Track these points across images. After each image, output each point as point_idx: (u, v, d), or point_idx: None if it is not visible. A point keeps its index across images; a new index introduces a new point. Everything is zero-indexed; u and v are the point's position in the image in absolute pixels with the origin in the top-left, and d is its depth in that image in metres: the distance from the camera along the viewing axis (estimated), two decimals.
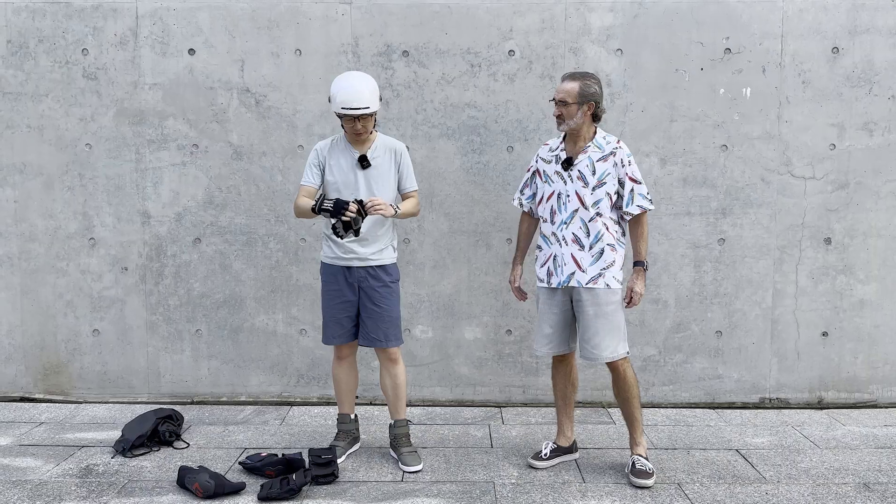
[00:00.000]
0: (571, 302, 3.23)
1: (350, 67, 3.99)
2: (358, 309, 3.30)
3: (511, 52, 3.99)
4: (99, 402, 4.17)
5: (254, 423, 3.87)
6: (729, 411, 4.05)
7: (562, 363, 3.33)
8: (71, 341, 4.16)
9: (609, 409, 4.05)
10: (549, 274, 3.21)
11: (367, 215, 3.12)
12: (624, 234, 3.24)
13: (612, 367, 3.20)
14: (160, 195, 4.09)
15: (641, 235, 3.21)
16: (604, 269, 3.14)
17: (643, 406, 4.01)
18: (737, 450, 3.50)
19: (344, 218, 3.05)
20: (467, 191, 4.05)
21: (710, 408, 4.10)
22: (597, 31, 3.95)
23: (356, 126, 3.16)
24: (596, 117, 3.15)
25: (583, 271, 3.14)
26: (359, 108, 3.11)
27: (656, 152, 4.01)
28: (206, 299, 4.14)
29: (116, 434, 3.63)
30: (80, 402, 4.17)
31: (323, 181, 3.29)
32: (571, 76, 3.12)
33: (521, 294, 3.41)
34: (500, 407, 4.12)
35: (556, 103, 3.12)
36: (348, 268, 3.27)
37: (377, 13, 3.97)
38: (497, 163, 4.03)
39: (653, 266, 4.04)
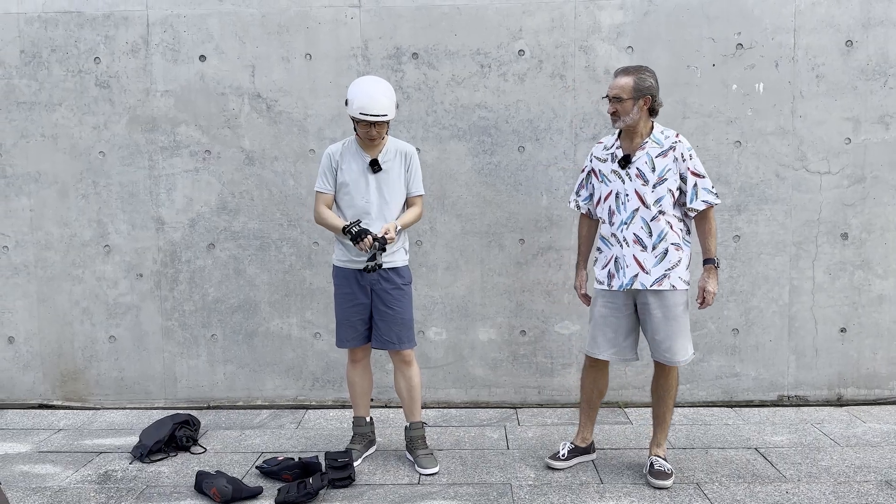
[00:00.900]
0: (635, 305, 3.15)
1: (360, 71, 4.00)
2: (371, 312, 3.30)
3: (521, 51, 3.98)
4: (116, 409, 4.19)
5: (270, 427, 3.88)
6: (747, 409, 4.02)
7: (596, 368, 3.25)
8: (88, 348, 4.19)
9: (626, 410, 4.03)
10: (611, 276, 3.13)
11: (384, 249, 3.14)
12: (689, 231, 3.14)
13: (661, 365, 3.14)
14: (174, 201, 4.11)
15: (709, 231, 3.09)
16: (669, 269, 3.05)
17: None
18: (756, 448, 3.47)
19: (362, 248, 3.09)
20: (479, 192, 4.05)
21: (727, 406, 4.07)
22: (607, 28, 3.93)
23: (371, 132, 3.17)
24: (653, 111, 3.07)
25: (646, 273, 3.06)
26: (377, 115, 3.12)
27: None
28: (220, 304, 4.16)
29: (134, 440, 3.65)
30: (98, 409, 4.20)
31: (336, 185, 3.31)
32: (625, 71, 3.05)
33: (588, 300, 3.33)
34: (515, 408, 4.11)
35: (609, 100, 3.06)
36: (360, 271, 3.28)
37: (386, 16, 3.97)
38: (508, 163, 4.02)
39: None
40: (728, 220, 3.99)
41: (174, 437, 3.55)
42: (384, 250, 3.14)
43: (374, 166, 3.23)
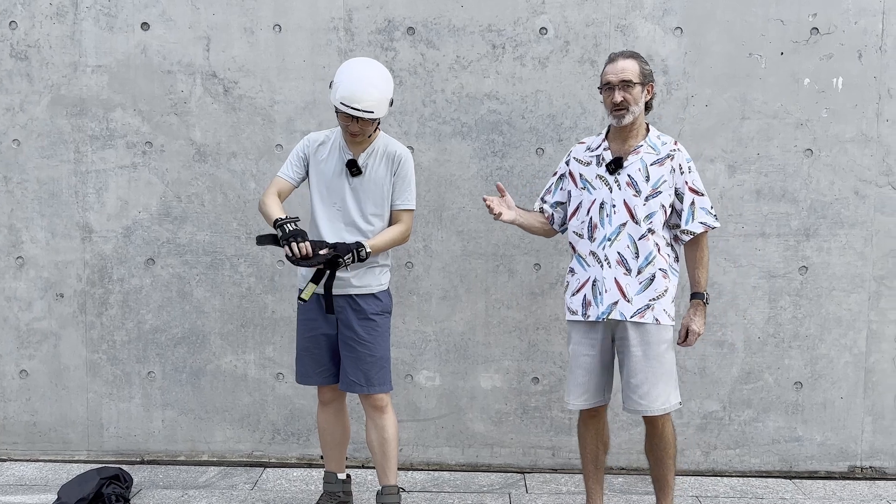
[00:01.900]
0: (613, 341, 3.25)
1: (342, 48, 4.03)
2: (338, 345, 3.36)
3: (543, 29, 4.01)
4: (27, 461, 4.22)
5: (219, 487, 3.92)
6: (809, 482, 4.07)
7: (592, 419, 3.34)
8: None
9: None
10: (586, 304, 3.21)
11: (333, 272, 3.19)
12: (677, 258, 3.26)
13: (649, 419, 3.23)
14: (104, 205, 4.13)
15: (701, 261, 3.22)
16: (653, 299, 3.16)
17: (701, 473, 4.08)
18: None
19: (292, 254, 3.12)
20: None
21: (786, 477, 4.12)
22: (651, 4, 3.96)
23: (351, 126, 3.21)
24: (648, 107, 3.21)
25: (627, 301, 3.15)
26: (361, 111, 3.15)
27: (723, 157, 4.02)
28: (160, 335, 4.19)
29: (50, 498, 3.70)
30: (4, 460, 4.22)
31: (306, 179, 3.36)
32: (623, 55, 3.17)
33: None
34: (523, 473, 4.15)
35: (615, 88, 3.11)
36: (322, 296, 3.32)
37: None
38: (523, 169, 4.06)
39: (716, 300, 4.06)
40: (793, 246, 4.04)
41: (101, 494, 3.60)
42: (333, 274, 3.17)
43: (352, 168, 3.27)
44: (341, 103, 3.15)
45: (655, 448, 3.27)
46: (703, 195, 3.20)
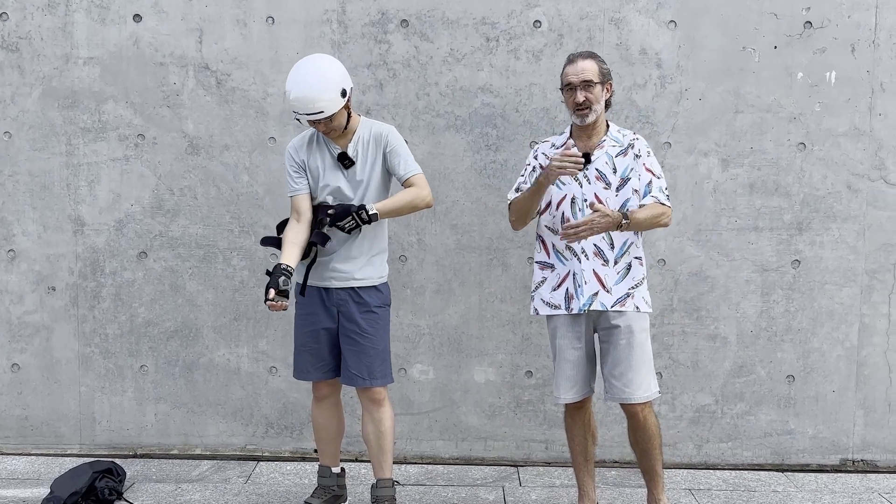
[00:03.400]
0: (594, 331, 3.35)
1: (335, 40, 4.09)
2: (338, 339, 3.42)
3: (537, 22, 4.07)
4: (19, 454, 4.27)
5: (212, 480, 3.99)
6: (801, 475, 4.15)
7: (578, 411, 3.43)
8: None
9: None
10: (569, 298, 3.30)
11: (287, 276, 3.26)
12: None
13: (631, 410, 3.31)
14: (97, 197, 4.19)
15: (649, 210, 3.22)
16: (632, 287, 3.28)
17: (694, 466, 4.15)
18: None
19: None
20: (479, 197, 4.15)
21: (778, 470, 4.21)
22: None
23: (318, 127, 3.27)
24: (608, 104, 3.34)
25: (607, 291, 3.26)
26: (308, 114, 3.19)
27: (717, 151, 4.10)
28: (153, 328, 4.25)
29: (43, 491, 3.73)
30: None
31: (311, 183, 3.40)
32: (582, 55, 3.30)
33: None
34: (516, 466, 4.23)
35: (577, 88, 3.22)
36: (326, 289, 3.39)
37: None
38: (517, 162, 4.11)
39: (710, 294, 4.14)
40: (786, 240, 4.13)
41: (94, 488, 3.65)
42: (316, 255, 3.29)
43: (344, 160, 3.32)
44: (292, 110, 3.24)
45: (640, 440, 3.36)
46: (659, 178, 3.31)
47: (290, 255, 3.30)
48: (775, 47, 4.05)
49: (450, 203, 4.15)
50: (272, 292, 3.21)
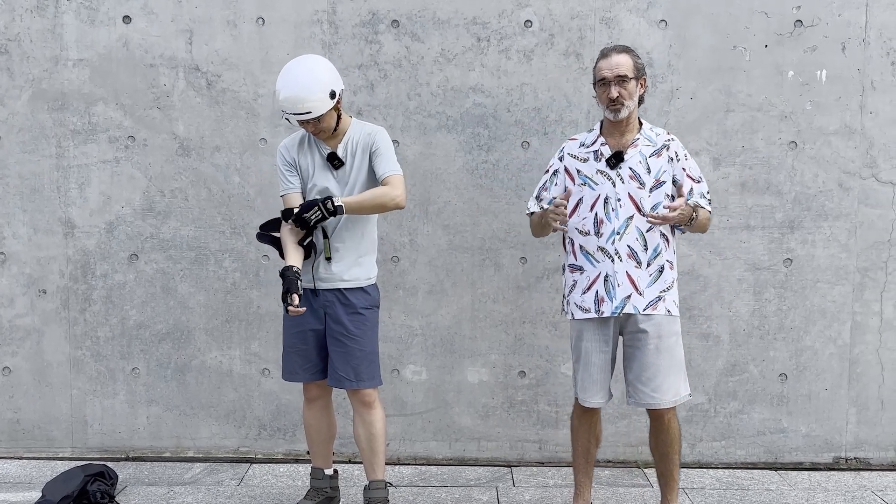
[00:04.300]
0: (620, 335, 3.35)
1: (325, 40, 4.12)
2: (325, 340, 3.44)
3: (528, 22, 4.11)
4: (10, 458, 4.29)
5: (205, 483, 4.01)
6: (794, 473, 4.20)
7: (587, 414, 3.45)
8: None
9: (645, 470, 4.21)
10: (600, 301, 3.28)
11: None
12: (675, 251, 3.38)
13: (656, 414, 3.33)
14: (87, 200, 4.21)
15: (703, 214, 3.30)
16: (663, 290, 3.27)
17: (687, 465, 4.17)
18: None
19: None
20: (471, 197, 4.19)
21: (771, 468, 4.25)
22: None
23: (306, 128, 3.31)
24: (641, 99, 3.31)
25: (640, 294, 3.25)
26: (298, 114, 3.23)
27: (708, 150, 4.14)
28: (144, 330, 4.28)
29: (34, 495, 3.75)
30: None
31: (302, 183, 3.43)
32: (616, 49, 3.26)
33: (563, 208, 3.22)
34: (510, 466, 4.27)
35: (610, 84, 3.19)
36: (314, 290, 3.42)
37: None
38: (509, 162, 4.16)
39: (702, 293, 4.18)
40: (778, 239, 4.17)
41: (86, 492, 3.67)
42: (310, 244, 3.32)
43: (333, 161, 3.36)
44: (282, 110, 3.27)
45: (661, 443, 3.37)
46: (700, 182, 3.32)
47: (296, 256, 3.33)
48: (766, 46, 4.09)
49: (442, 203, 4.19)
50: (296, 298, 3.22)
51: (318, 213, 3.25)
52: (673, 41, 4.09)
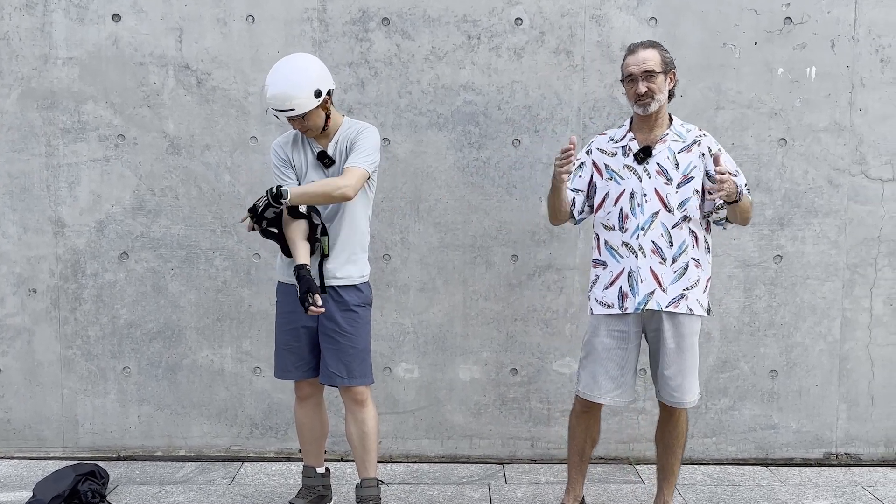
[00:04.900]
0: (644, 333, 3.36)
1: (315, 38, 4.14)
2: (318, 338, 3.47)
3: (518, 20, 4.14)
4: (1, 458, 4.29)
5: (196, 482, 4.03)
6: (785, 469, 4.24)
7: (585, 413, 3.45)
8: None
9: (637, 467, 4.25)
10: (623, 296, 3.29)
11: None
12: (710, 251, 3.36)
13: (669, 408, 3.36)
14: (77, 199, 4.22)
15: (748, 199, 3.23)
16: (687, 288, 3.26)
17: None
18: None
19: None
20: (463, 195, 4.21)
21: (761, 464, 4.29)
22: None
23: (294, 125, 3.33)
24: (671, 94, 3.30)
25: (663, 290, 3.25)
26: (283, 111, 3.25)
27: None
28: (135, 329, 4.29)
29: (25, 495, 3.75)
30: None
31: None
32: (643, 45, 3.27)
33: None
34: (502, 463, 4.30)
35: (638, 79, 3.20)
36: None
37: None
38: (500, 160, 4.19)
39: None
40: (768, 236, 4.21)
41: (77, 491, 3.68)
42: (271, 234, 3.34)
43: (323, 159, 3.38)
44: (269, 106, 3.31)
45: (668, 436, 3.40)
46: (737, 174, 3.26)
47: (305, 253, 3.34)
48: (756, 43, 4.12)
49: (433, 201, 4.21)
50: (318, 298, 3.23)
51: (265, 199, 3.25)
52: (663, 39, 4.07)
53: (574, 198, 3.39)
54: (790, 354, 4.26)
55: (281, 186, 3.26)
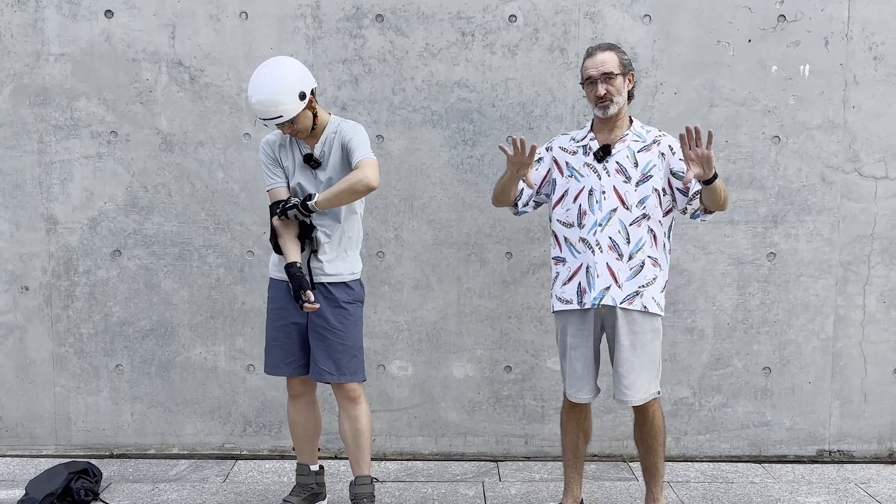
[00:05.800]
0: (602, 329, 3.41)
1: (309, 34, 4.15)
2: (307, 336, 3.48)
3: (512, 17, 4.16)
4: None
5: (190, 480, 4.05)
6: (779, 466, 4.28)
7: (574, 409, 3.50)
8: None
9: (631, 464, 4.28)
10: (581, 292, 3.34)
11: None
12: (670, 251, 3.42)
13: (640, 408, 3.40)
14: (69, 195, 4.24)
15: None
16: (642, 286, 3.31)
17: (672, 459, 4.25)
18: None
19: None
20: (457, 192, 4.24)
21: (755, 461, 4.33)
22: None
23: (283, 129, 3.34)
24: (630, 95, 3.37)
25: (619, 286, 3.30)
26: (267, 119, 3.26)
27: None
28: (128, 327, 4.31)
29: (18, 493, 3.78)
30: None
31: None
32: (601, 47, 3.32)
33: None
34: (496, 461, 4.33)
35: (597, 81, 3.25)
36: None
37: None
38: (494, 157, 4.21)
39: (687, 287, 4.25)
40: (761, 233, 4.25)
41: (70, 489, 3.70)
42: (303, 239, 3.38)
43: (310, 161, 3.39)
44: (256, 116, 3.33)
45: (646, 436, 3.44)
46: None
47: (296, 252, 3.37)
48: (749, 41, 4.16)
49: (427, 198, 4.24)
50: (311, 294, 3.27)
51: (293, 208, 3.31)
52: (657, 36, 4.16)
53: (523, 189, 3.45)
54: (783, 352, 4.30)
55: (310, 197, 3.29)
